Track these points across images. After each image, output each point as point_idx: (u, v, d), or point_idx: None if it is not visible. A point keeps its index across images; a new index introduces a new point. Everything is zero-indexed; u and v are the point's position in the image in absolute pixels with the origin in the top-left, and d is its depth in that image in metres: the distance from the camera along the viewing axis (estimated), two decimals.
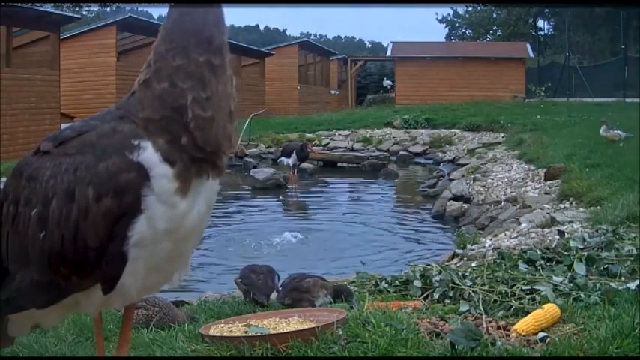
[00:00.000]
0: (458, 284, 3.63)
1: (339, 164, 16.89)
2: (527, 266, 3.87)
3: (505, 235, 6.29)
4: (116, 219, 1.57)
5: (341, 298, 3.81)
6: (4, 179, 1.89)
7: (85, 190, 1.58)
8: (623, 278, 3.63)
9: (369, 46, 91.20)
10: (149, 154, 1.56)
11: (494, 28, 49.98)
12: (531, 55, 31.58)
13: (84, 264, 1.62)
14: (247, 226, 9.72)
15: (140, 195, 1.56)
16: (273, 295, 3.97)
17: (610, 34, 38.97)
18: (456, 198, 10.20)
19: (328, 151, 18.11)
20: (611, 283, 3.51)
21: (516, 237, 6.00)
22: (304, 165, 14.51)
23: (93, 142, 1.61)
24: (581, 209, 6.56)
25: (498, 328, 2.98)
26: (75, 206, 1.59)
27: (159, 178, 1.56)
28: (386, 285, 4.17)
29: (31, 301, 1.75)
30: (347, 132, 20.44)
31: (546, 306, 3.06)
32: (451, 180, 12.25)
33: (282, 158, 13.80)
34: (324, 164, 16.74)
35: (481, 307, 3.24)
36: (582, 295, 3.32)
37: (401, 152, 18.62)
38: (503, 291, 3.45)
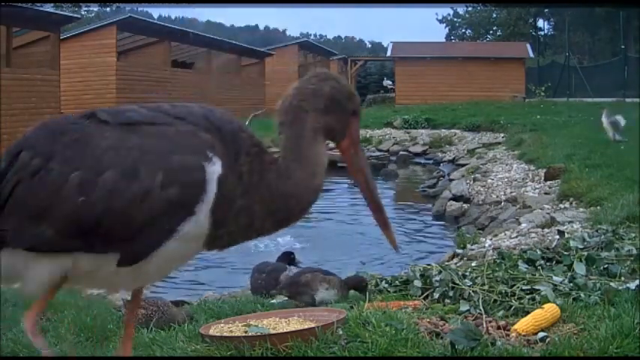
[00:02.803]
0: (458, 284, 3.62)
1: (339, 164, 16.85)
2: (527, 266, 3.86)
3: (505, 235, 6.29)
4: (171, 210, 1.62)
5: (357, 289, 3.92)
6: None
7: (153, 174, 1.61)
8: (623, 278, 3.63)
9: (369, 46, 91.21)
10: (215, 170, 1.64)
11: (494, 28, 50.01)
12: (531, 55, 31.61)
13: (115, 236, 1.66)
14: None
15: (199, 198, 1.63)
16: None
17: (610, 34, 38.99)
18: (456, 198, 10.20)
19: (328, 151, 18.09)
20: (611, 283, 3.50)
21: (516, 237, 6.00)
22: None
23: (170, 135, 1.67)
24: (581, 209, 6.56)
25: (498, 328, 2.98)
26: (136, 184, 1.62)
27: (211, 192, 1.64)
28: (386, 285, 4.17)
29: (27, 240, 1.73)
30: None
31: (546, 306, 3.06)
32: (451, 180, 12.26)
33: None
34: None
35: (481, 307, 3.23)
36: (582, 295, 3.32)
37: (401, 152, 18.63)
38: (503, 291, 3.44)
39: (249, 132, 1.77)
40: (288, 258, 4.91)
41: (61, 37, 17.73)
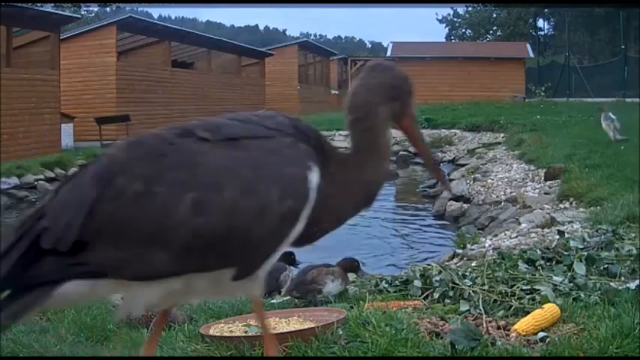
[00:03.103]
0: (458, 284, 3.62)
1: None
2: (527, 266, 3.86)
3: (505, 235, 6.29)
4: (285, 220, 1.69)
5: (351, 270, 4.05)
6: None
7: (269, 189, 1.65)
8: (623, 278, 3.63)
9: (369, 46, 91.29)
10: (315, 179, 1.72)
11: (494, 28, 50.00)
12: (531, 55, 31.61)
13: (234, 253, 1.68)
14: None
15: (305, 206, 1.70)
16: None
17: (610, 34, 38.98)
18: (456, 198, 10.20)
19: None
20: (611, 283, 3.50)
21: (516, 237, 6.00)
22: None
23: (275, 148, 1.71)
24: (581, 209, 6.56)
25: (498, 328, 2.98)
26: (255, 200, 1.64)
27: (312, 200, 1.72)
28: (386, 285, 4.16)
29: (136, 270, 1.66)
30: (347, 132, 20.40)
31: (546, 306, 3.05)
32: (451, 180, 12.25)
33: None
34: None
35: (481, 307, 3.23)
36: (582, 295, 3.32)
37: (401, 152, 18.59)
38: (503, 291, 3.44)
39: (324, 136, 1.88)
40: (288, 258, 4.91)
41: (61, 37, 17.73)
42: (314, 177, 1.71)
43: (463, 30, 51.86)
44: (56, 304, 1.78)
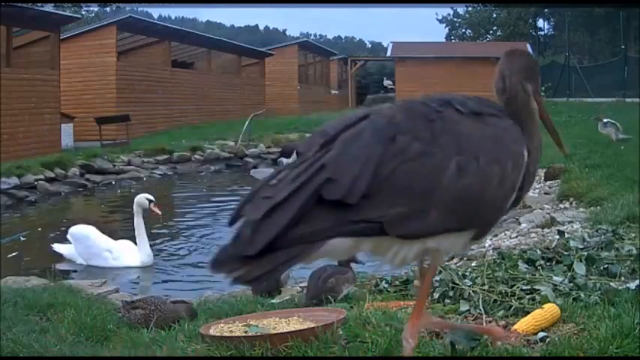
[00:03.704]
0: (458, 284, 3.62)
1: None
2: (527, 266, 3.86)
3: (505, 235, 6.28)
4: (511, 190, 1.95)
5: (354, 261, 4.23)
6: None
7: (506, 160, 1.93)
8: (623, 278, 3.62)
9: (369, 46, 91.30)
10: (526, 154, 1.99)
11: (494, 28, 50.00)
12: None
13: (482, 216, 1.92)
14: None
15: (520, 179, 1.98)
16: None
17: (610, 34, 38.98)
18: None
19: None
20: (611, 283, 3.50)
21: (516, 237, 5.99)
22: None
23: (506, 126, 1.99)
24: (581, 209, 6.55)
25: None
26: (498, 169, 1.90)
27: (523, 173, 1.99)
28: (386, 285, 4.17)
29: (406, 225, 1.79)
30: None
31: (546, 306, 3.05)
32: None
33: (282, 158, 13.80)
34: None
35: (481, 307, 3.23)
36: (582, 295, 3.31)
37: None
38: (503, 291, 3.44)
39: None
40: None
41: (61, 37, 17.72)
42: (526, 154, 1.99)
43: (463, 30, 51.85)
44: (315, 258, 1.84)
